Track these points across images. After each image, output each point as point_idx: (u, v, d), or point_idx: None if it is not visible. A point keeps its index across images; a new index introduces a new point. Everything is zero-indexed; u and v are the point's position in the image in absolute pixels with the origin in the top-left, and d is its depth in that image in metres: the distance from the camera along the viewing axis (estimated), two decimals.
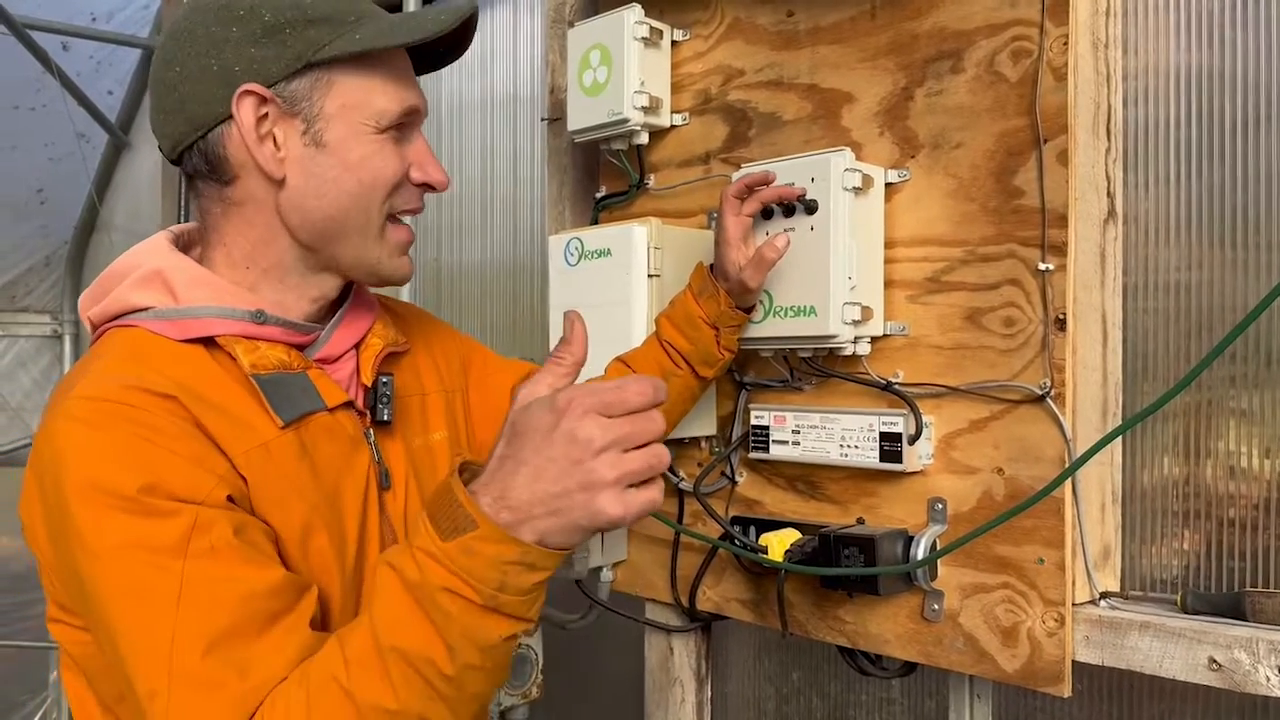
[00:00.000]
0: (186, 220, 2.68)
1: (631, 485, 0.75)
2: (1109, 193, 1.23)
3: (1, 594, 3.68)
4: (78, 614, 0.87)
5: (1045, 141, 1.17)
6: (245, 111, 0.91)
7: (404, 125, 0.98)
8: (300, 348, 0.98)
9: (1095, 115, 1.20)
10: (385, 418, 1.01)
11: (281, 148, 0.93)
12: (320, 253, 0.97)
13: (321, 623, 0.87)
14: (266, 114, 0.92)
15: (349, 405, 0.98)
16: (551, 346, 1.48)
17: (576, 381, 0.82)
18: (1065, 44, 1.15)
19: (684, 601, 1.55)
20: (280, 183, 0.93)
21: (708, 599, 1.53)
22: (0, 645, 3.67)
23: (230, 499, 0.83)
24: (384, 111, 0.94)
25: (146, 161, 3.56)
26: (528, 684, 1.82)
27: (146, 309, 0.92)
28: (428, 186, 1.01)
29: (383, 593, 0.77)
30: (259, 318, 0.94)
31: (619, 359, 1.34)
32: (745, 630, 1.78)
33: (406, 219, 1.02)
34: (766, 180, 1.25)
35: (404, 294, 2.08)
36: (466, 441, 1.16)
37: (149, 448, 0.81)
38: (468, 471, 0.80)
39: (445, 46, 1.01)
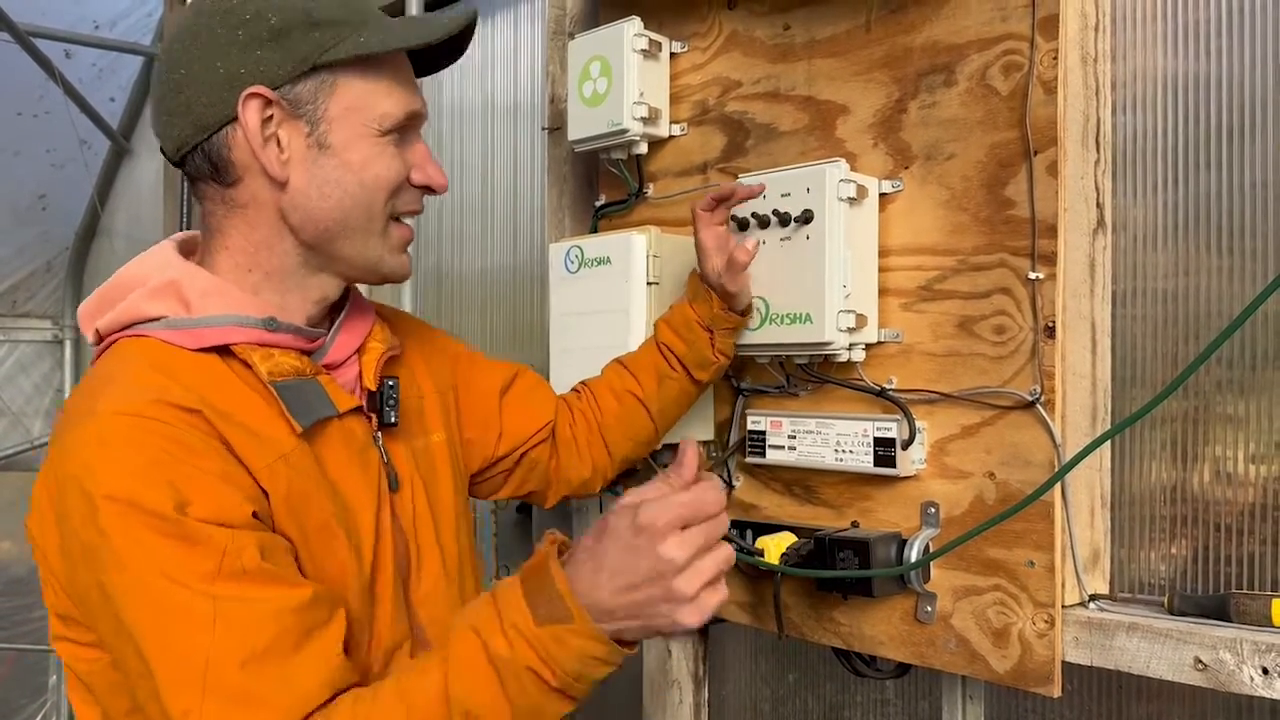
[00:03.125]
0: (189, 226, 2.71)
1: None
2: (1098, 203, 1.26)
3: (2, 598, 3.70)
4: (87, 629, 0.87)
5: (1035, 153, 1.19)
6: (250, 114, 0.92)
7: (406, 128, 1.00)
8: (307, 354, 0.99)
9: (1085, 128, 1.23)
10: (393, 420, 1.03)
11: (285, 149, 0.94)
12: (321, 252, 0.99)
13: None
14: (271, 116, 0.93)
15: (358, 410, 1.00)
16: (551, 354, 1.51)
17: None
18: (1055, 58, 1.18)
19: None
20: (284, 184, 0.95)
21: None
22: (0, 649, 3.68)
23: (255, 515, 0.85)
24: (387, 115, 0.96)
25: (148, 168, 3.59)
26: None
27: (158, 319, 0.93)
28: (428, 188, 1.03)
29: (462, 656, 0.81)
30: (271, 325, 0.95)
31: (617, 360, 1.37)
32: (742, 632, 1.80)
33: (408, 219, 1.04)
34: (730, 195, 1.27)
35: (405, 299, 2.10)
36: (459, 440, 1.18)
37: (179, 465, 0.82)
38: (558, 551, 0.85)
39: (444, 51, 1.04)
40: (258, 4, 0.93)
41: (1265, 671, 1.06)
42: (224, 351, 0.93)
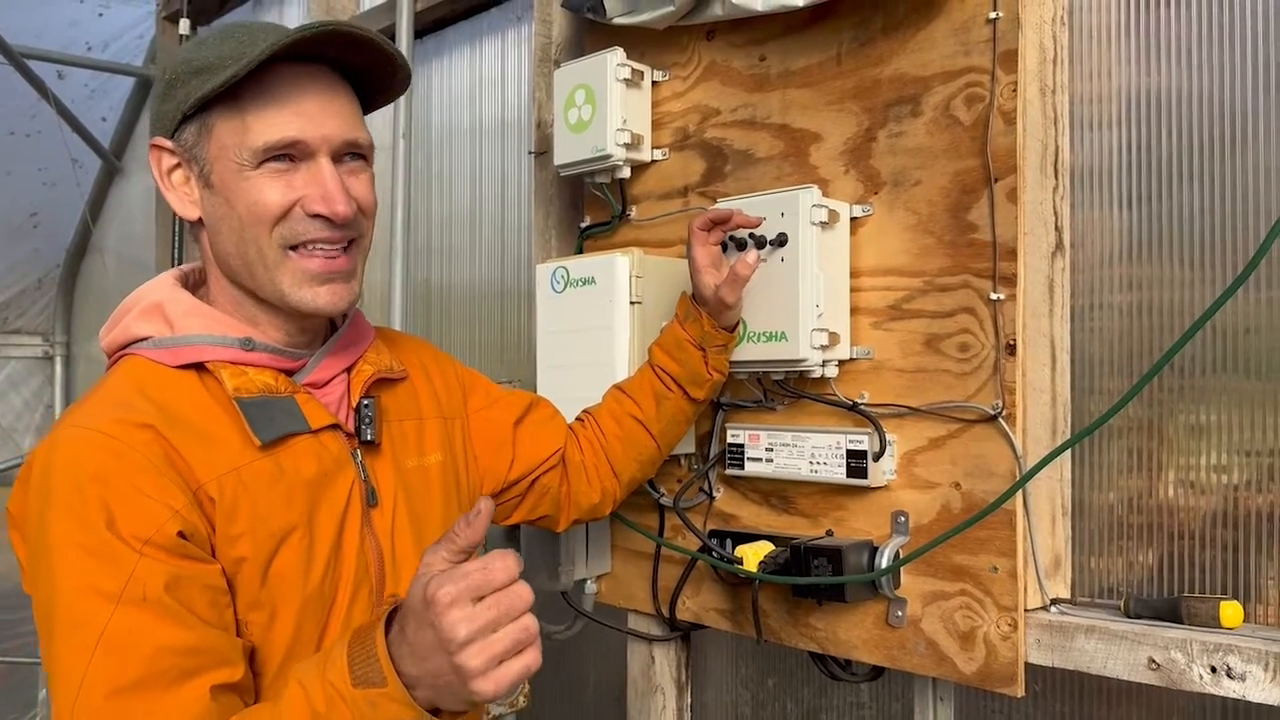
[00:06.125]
0: (178, 243, 2.76)
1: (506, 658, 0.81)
2: (1057, 227, 1.32)
3: None
4: None
5: (996, 180, 1.26)
6: (154, 162, 1.02)
7: (295, 156, 0.98)
8: (290, 373, 1.04)
9: (1043, 155, 1.30)
10: (369, 438, 1.06)
11: (192, 191, 1.02)
12: (242, 286, 1.03)
13: (271, 642, 0.95)
14: (178, 163, 1.02)
15: (335, 427, 1.04)
16: (539, 370, 1.57)
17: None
18: (1014, 90, 1.25)
19: (664, 612, 1.63)
20: (200, 223, 1.03)
21: (687, 609, 1.61)
22: None
23: (182, 534, 0.89)
24: (255, 147, 0.97)
25: (139, 186, 3.63)
26: (515, 694, 1.88)
27: (147, 338, 1.00)
28: (321, 215, 0.99)
29: (289, 709, 0.85)
30: (247, 344, 1.01)
31: (616, 387, 1.43)
32: (723, 638, 1.85)
33: (323, 247, 1.01)
34: (728, 218, 1.34)
35: (396, 314, 2.15)
36: (465, 466, 1.23)
37: (117, 480, 0.88)
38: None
39: (368, 69, 1.02)
40: (165, 64, 1.04)
41: (1213, 670, 1.12)
42: (201, 368, 0.99)
